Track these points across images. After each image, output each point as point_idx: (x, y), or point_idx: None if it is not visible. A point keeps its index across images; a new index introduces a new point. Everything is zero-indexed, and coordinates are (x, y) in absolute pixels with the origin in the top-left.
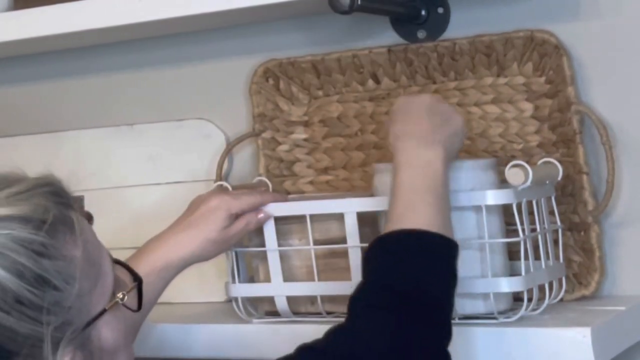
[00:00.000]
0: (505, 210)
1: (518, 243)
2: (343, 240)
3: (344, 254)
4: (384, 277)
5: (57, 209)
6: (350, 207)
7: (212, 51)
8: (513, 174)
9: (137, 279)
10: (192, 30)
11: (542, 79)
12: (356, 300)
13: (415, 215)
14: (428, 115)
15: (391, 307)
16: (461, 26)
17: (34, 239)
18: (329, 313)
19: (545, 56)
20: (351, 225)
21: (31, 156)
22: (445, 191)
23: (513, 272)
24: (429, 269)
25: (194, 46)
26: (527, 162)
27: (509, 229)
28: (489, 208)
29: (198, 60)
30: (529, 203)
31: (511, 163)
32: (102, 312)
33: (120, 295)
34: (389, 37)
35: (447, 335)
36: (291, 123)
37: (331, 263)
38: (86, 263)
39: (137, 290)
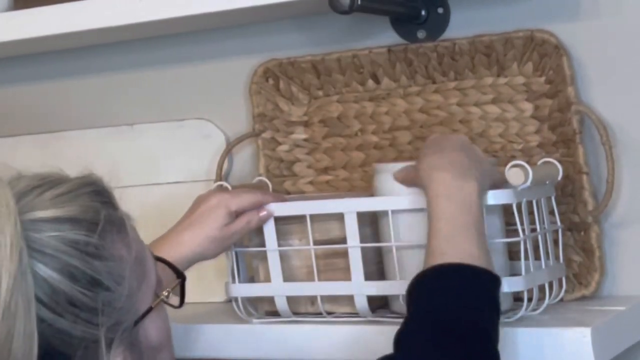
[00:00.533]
0: (505, 210)
1: (518, 243)
2: (343, 240)
3: (344, 254)
4: (432, 311)
5: (104, 209)
6: (350, 207)
7: (212, 51)
8: (513, 174)
9: (181, 276)
10: (192, 30)
11: (542, 79)
12: (405, 335)
13: (457, 249)
14: (463, 150)
15: (437, 343)
16: (461, 26)
17: (85, 241)
18: (329, 313)
19: (545, 56)
20: (351, 225)
21: (31, 156)
22: (483, 224)
23: (513, 272)
24: (475, 302)
25: (194, 46)
26: (527, 162)
27: (509, 229)
28: (489, 208)
29: (198, 60)
30: (529, 203)
31: (511, 163)
32: (149, 310)
33: (165, 292)
34: (389, 37)
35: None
36: (291, 123)
37: (331, 263)
38: (134, 263)
39: (179, 287)
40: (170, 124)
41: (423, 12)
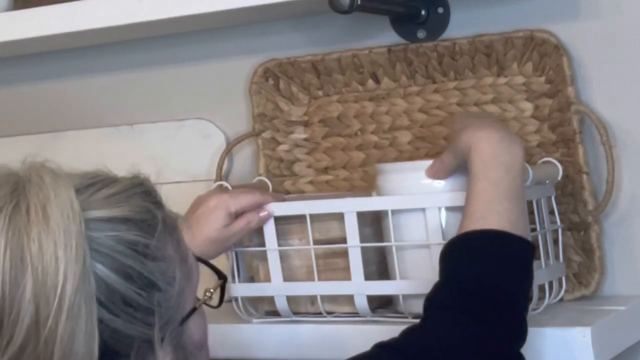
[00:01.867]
0: None
1: None
2: (343, 240)
3: (344, 254)
4: (462, 277)
5: (157, 211)
6: (350, 207)
7: (212, 51)
8: None
9: (222, 277)
10: (192, 30)
11: (542, 78)
12: (432, 301)
13: (497, 214)
14: (500, 123)
15: (466, 308)
16: (461, 26)
17: (140, 242)
18: (329, 313)
19: (545, 56)
20: (351, 225)
21: (31, 156)
22: (524, 189)
23: None
24: (507, 270)
25: (194, 46)
26: (527, 162)
27: None
28: None
29: (198, 60)
30: (529, 203)
31: None
32: (194, 310)
33: (208, 293)
34: (389, 37)
35: (522, 336)
36: (291, 123)
37: (331, 263)
38: (180, 262)
39: (220, 288)
40: (170, 124)
41: (423, 12)
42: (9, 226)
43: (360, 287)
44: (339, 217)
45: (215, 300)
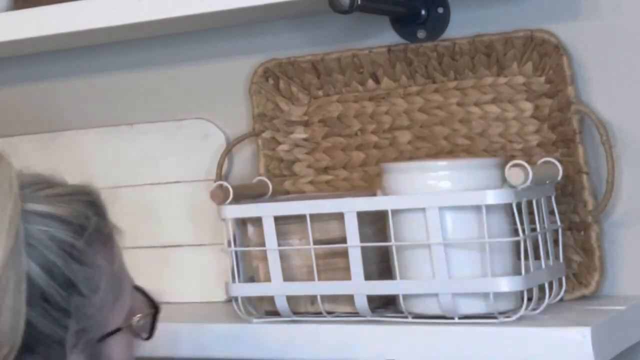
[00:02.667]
0: (508, 210)
1: (518, 242)
2: (343, 240)
3: (344, 254)
4: None
5: (95, 218)
6: (350, 207)
7: (212, 51)
8: (513, 174)
9: (154, 307)
10: (192, 30)
11: (542, 78)
12: None
13: None
14: None
15: None
16: (461, 26)
17: (70, 242)
18: (329, 313)
19: (545, 56)
20: (351, 225)
21: (31, 156)
22: None
23: (514, 272)
24: None
25: (194, 46)
26: (527, 162)
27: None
28: (493, 207)
29: (198, 60)
30: (529, 203)
31: (511, 163)
32: (118, 330)
33: (137, 317)
34: (389, 37)
35: None
36: (291, 123)
37: (331, 263)
38: (111, 277)
39: (151, 318)
40: (170, 124)
41: (423, 12)
42: None
43: (360, 287)
44: (339, 217)
45: (145, 331)
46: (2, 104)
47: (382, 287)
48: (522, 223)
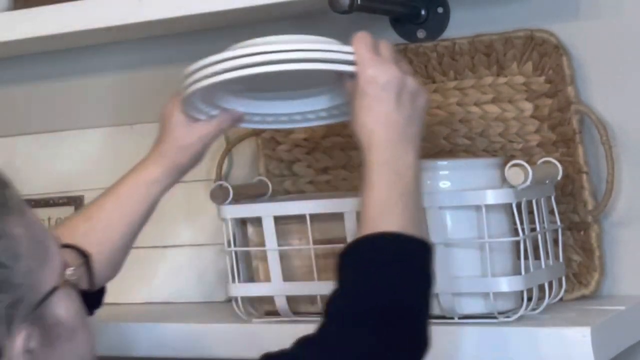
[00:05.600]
0: (508, 209)
1: (518, 242)
2: (343, 240)
3: None
4: (359, 288)
5: (2, 190)
6: (350, 207)
7: (212, 51)
8: (513, 174)
9: (85, 255)
10: (192, 30)
11: (542, 78)
12: (329, 310)
13: (391, 217)
14: (399, 104)
15: (365, 322)
16: (461, 26)
17: None
18: None
19: (545, 56)
20: (351, 225)
21: (31, 156)
22: (420, 191)
23: (514, 272)
24: (405, 276)
25: (194, 46)
26: (527, 162)
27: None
28: (493, 207)
29: (198, 60)
30: (529, 202)
31: (511, 163)
32: (53, 290)
33: (69, 271)
34: (389, 37)
35: (423, 348)
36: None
37: (331, 263)
38: (32, 242)
39: (86, 268)
40: None
41: (423, 12)
42: None
43: None
44: (339, 217)
45: (85, 283)
46: (2, 104)
47: None
48: (522, 223)
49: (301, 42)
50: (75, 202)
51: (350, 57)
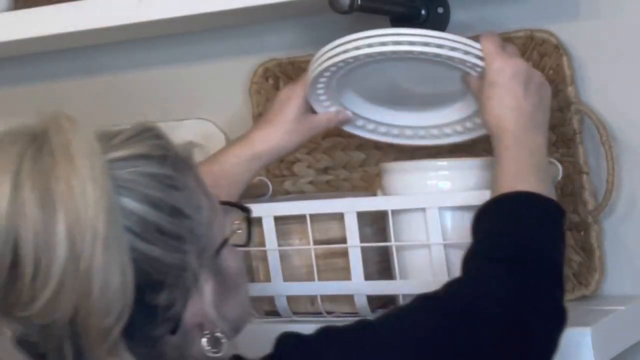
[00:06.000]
0: None
1: None
2: (343, 240)
3: (344, 253)
4: (499, 233)
5: (169, 147)
6: (350, 207)
7: (212, 51)
8: None
9: (246, 211)
10: (192, 30)
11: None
12: (473, 255)
13: (527, 184)
14: (527, 92)
15: (509, 260)
16: (461, 26)
17: (159, 173)
18: (329, 313)
19: (545, 56)
20: (351, 225)
21: None
22: (548, 175)
23: None
24: (545, 229)
25: (194, 46)
26: None
27: None
28: None
29: (198, 60)
30: None
31: None
32: (225, 241)
33: (235, 225)
34: None
35: (563, 292)
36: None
37: (331, 263)
38: (205, 195)
39: (247, 223)
40: (170, 124)
41: (423, 12)
42: (33, 169)
43: (360, 287)
44: (339, 217)
45: (242, 238)
46: (2, 104)
47: (382, 287)
48: None
49: (429, 31)
50: None
51: (477, 52)
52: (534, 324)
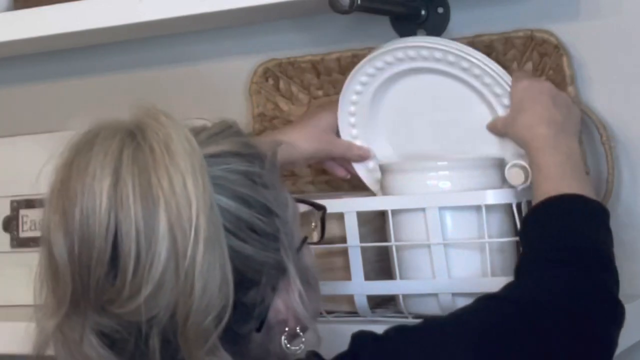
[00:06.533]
0: (508, 210)
1: (519, 243)
2: (343, 240)
3: (344, 253)
4: (555, 236)
5: (256, 145)
6: (350, 207)
7: (212, 51)
8: (513, 174)
9: (321, 208)
10: (192, 30)
11: (542, 78)
12: (529, 260)
13: (572, 188)
14: (555, 105)
15: (567, 260)
16: (461, 26)
17: (250, 170)
18: (329, 313)
19: (545, 56)
20: (351, 225)
21: (31, 156)
22: (586, 177)
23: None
24: (595, 229)
25: (194, 46)
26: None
27: None
28: (493, 207)
29: (198, 60)
30: (529, 203)
31: (511, 163)
32: (306, 238)
33: (313, 224)
34: (389, 37)
35: (617, 280)
36: (291, 123)
37: (331, 263)
38: (287, 193)
39: (321, 221)
40: None
41: (423, 12)
42: (134, 164)
43: (360, 287)
44: (339, 216)
45: (316, 236)
46: (2, 104)
47: (382, 287)
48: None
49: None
50: None
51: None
52: (597, 319)
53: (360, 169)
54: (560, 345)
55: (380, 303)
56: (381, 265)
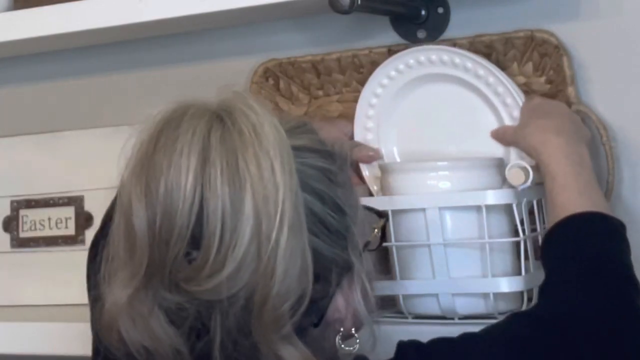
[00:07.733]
0: (508, 210)
1: (519, 243)
2: None
3: None
4: (574, 257)
5: (331, 143)
6: None
7: (212, 51)
8: (513, 174)
9: (383, 216)
10: (192, 30)
11: (542, 78)
12: (548, 284)
13: (589, 201)
14: (567, 119)
15: (592, 278)
16: (461, 26)
17: (326, 167)
18: None
19: (546, 56)
20: None
21: (31, 156)
22: (598, 185)
23: (514, 272)
24: (617, 246)
25: (194, 46)
26: (528, 162)
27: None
28: (493, 208)
29: (198, 60)
30: (529, 203)
31: (511, 163)
32: (368, 242)
33: (375, 230)
34: (389, 37)
35: None
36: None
37: None
38: (356, 194)
39: (382, 229)
40: None
41: (423, 12)
42: (222, 146)
43: None
44: None
45: (374, 243)
46: (2, 104)
47: (382, 287)
48: (522, 223)
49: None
50: (75, 202)
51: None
52: (626, 335)
53: (362, 169)
54: (592, 356)
55: (380, 303)
56: (381, 264)
